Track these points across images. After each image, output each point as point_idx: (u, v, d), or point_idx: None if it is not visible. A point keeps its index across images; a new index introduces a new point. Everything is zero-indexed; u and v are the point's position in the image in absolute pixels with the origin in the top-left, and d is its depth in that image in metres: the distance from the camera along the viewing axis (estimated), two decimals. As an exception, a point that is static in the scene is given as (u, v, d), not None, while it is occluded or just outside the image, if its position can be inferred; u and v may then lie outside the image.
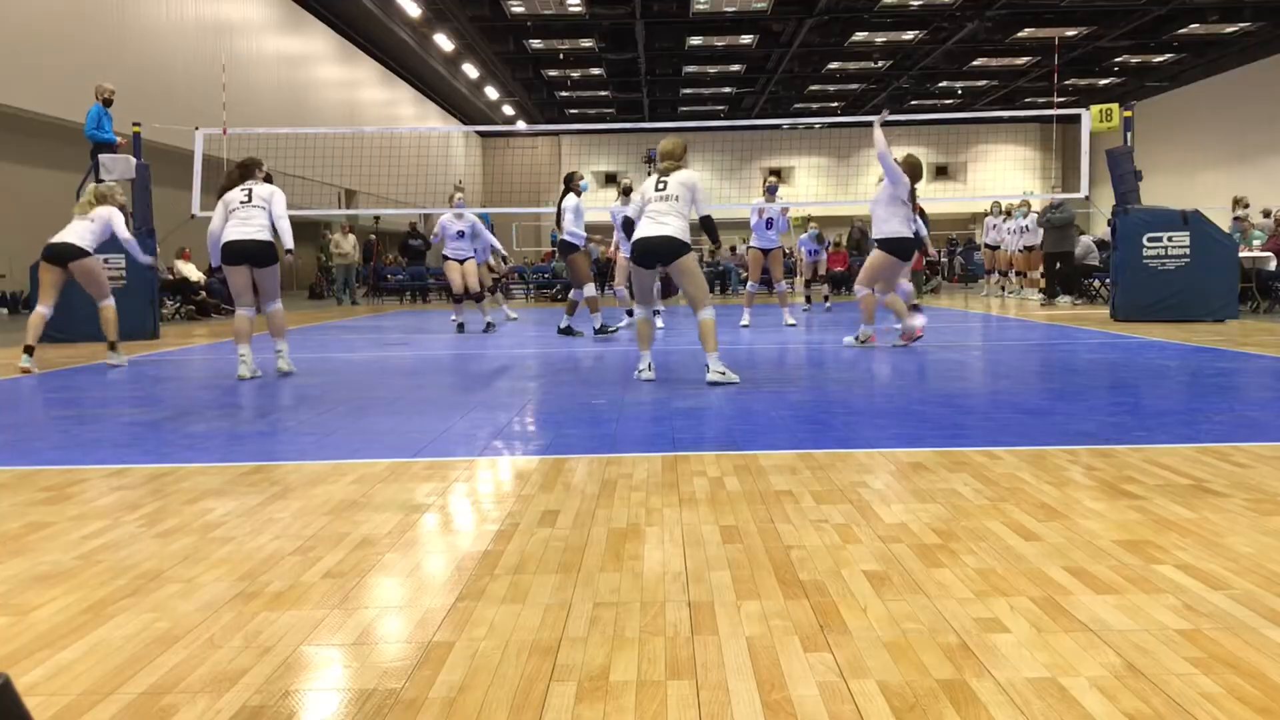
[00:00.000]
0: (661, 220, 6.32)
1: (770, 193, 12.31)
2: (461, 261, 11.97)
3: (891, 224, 8.19)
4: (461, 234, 11.95)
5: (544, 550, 2.86)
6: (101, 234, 8.22)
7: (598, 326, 10.57)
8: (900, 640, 2.15)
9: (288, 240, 7.41)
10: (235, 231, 7.18)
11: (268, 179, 7.69)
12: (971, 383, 6.58)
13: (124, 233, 8.30)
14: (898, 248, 8.25)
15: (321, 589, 2.56)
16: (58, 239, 8.12)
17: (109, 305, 8.44)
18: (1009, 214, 18.38)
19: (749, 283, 12.39)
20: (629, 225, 6.69)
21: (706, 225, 6.61)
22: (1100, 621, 2.24)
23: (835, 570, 2.63)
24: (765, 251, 12.08)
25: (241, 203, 7.28)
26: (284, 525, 3.17)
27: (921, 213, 17.93)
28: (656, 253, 6.36)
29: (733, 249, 24.43)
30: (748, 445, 4.37)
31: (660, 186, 6.43)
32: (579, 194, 10.68)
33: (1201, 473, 3.66)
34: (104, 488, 3.75)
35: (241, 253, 7.17)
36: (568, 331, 10.55)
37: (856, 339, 8.90)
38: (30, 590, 2.59)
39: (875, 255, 8.41)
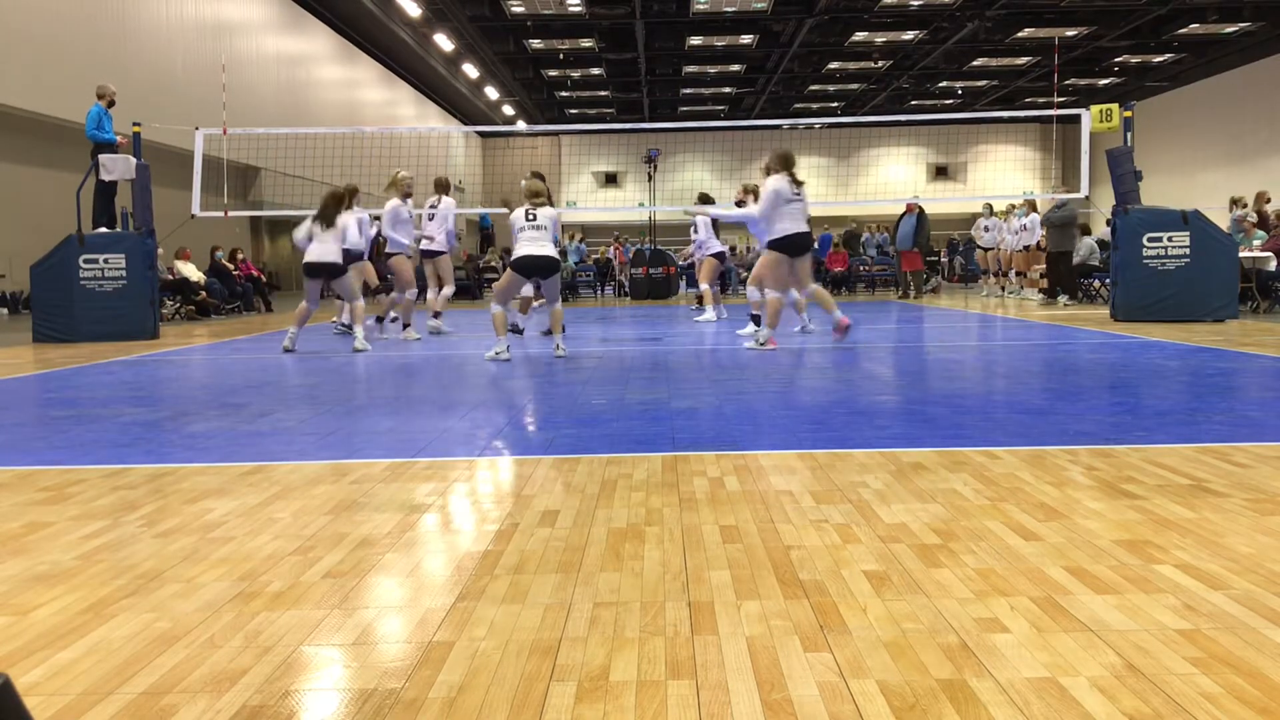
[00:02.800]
0: (541, 243, 8.16)
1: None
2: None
3: (781, 223, 8.44)
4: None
5: (544, 550, 2.86)
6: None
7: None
8: (900, 640, 2.15)
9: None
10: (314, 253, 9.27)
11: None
12: (971, 383, 6.58)
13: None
14: (787, 245, 8.39)
15: (321, 589, 2.56)
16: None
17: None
18: (1008, 213, 18.41)
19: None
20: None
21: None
22: (1100, 621, 2.24)
23: (835, 570, 2.63)
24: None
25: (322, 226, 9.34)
26: (284, 525, 3.17)
27: (921, 212, 17.98)
28: (539, 268, 8.23)
29: (732, 249, 24.43)
30: (748, 445, 4.37)
31: (531, 218, 8.27)
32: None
33: (1201, 473, 3.66)
34: (104, 488, 3.75)
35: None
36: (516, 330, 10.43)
37: (757, 341, 8.77)
38: (30, 590, 2.59)
39: (765, 255, 8.70)
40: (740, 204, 11.18)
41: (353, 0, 23.55)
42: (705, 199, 13.39)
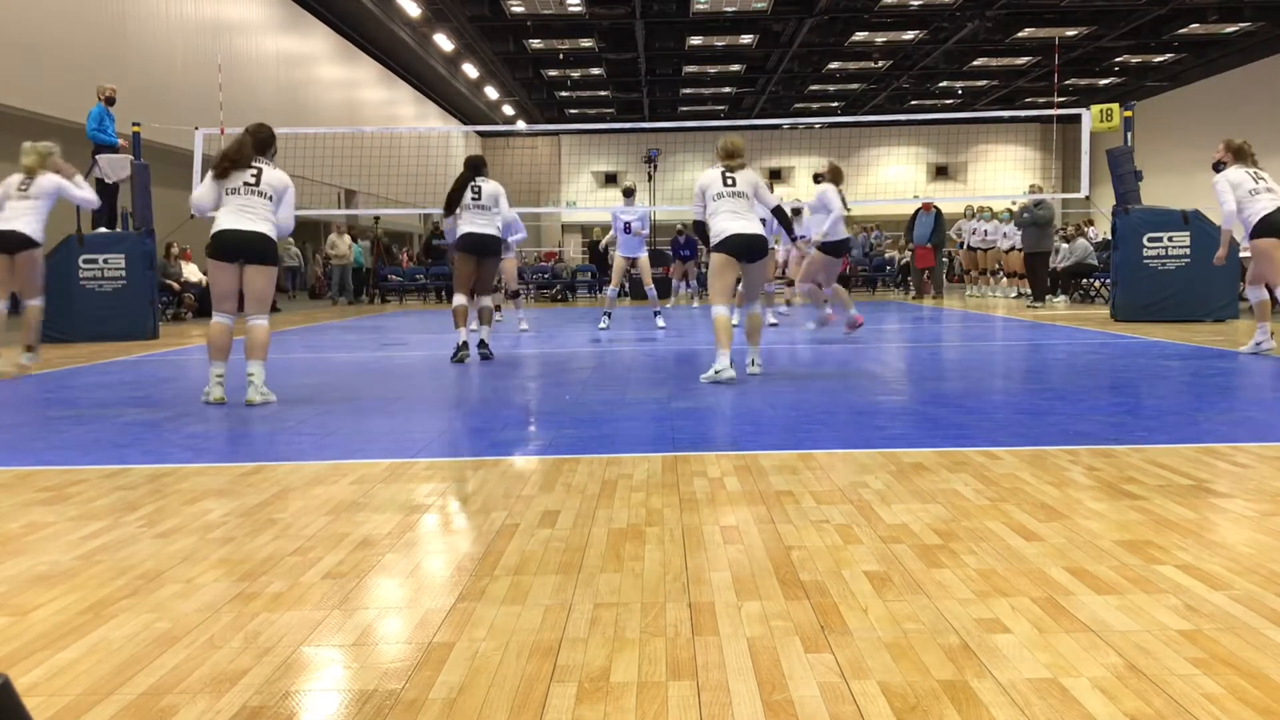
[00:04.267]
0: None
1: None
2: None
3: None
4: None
5: (544, 550, 2.86)
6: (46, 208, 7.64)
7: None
8: (901, 640, 2.15)
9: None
10: (233, 220, 5.82)
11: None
12: (972, 383, 6.58)
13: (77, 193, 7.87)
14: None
15: (321, 589, 2.55)
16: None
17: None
18: (996, 215, 18.48)
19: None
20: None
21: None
22: (1101, 622, 2.23)
23: (836, 570, 2.62)
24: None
25: (246, 185, 5.87)
26: (283, 526, 3.17)
27: (939, 212, 17.99)
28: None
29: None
30: (748, 445, 4.37)
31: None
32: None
33: (1202, 473, 3.66)
34: (103, 488, 3.74)
35: (238, 246, 5.82)
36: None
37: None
38: (30, 590, 2.59)
39: (814, 255, 9.34)
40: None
41: (353, 0, 23.54)
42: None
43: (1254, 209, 7.55)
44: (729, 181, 6.57)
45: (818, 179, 9.88)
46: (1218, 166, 8.11)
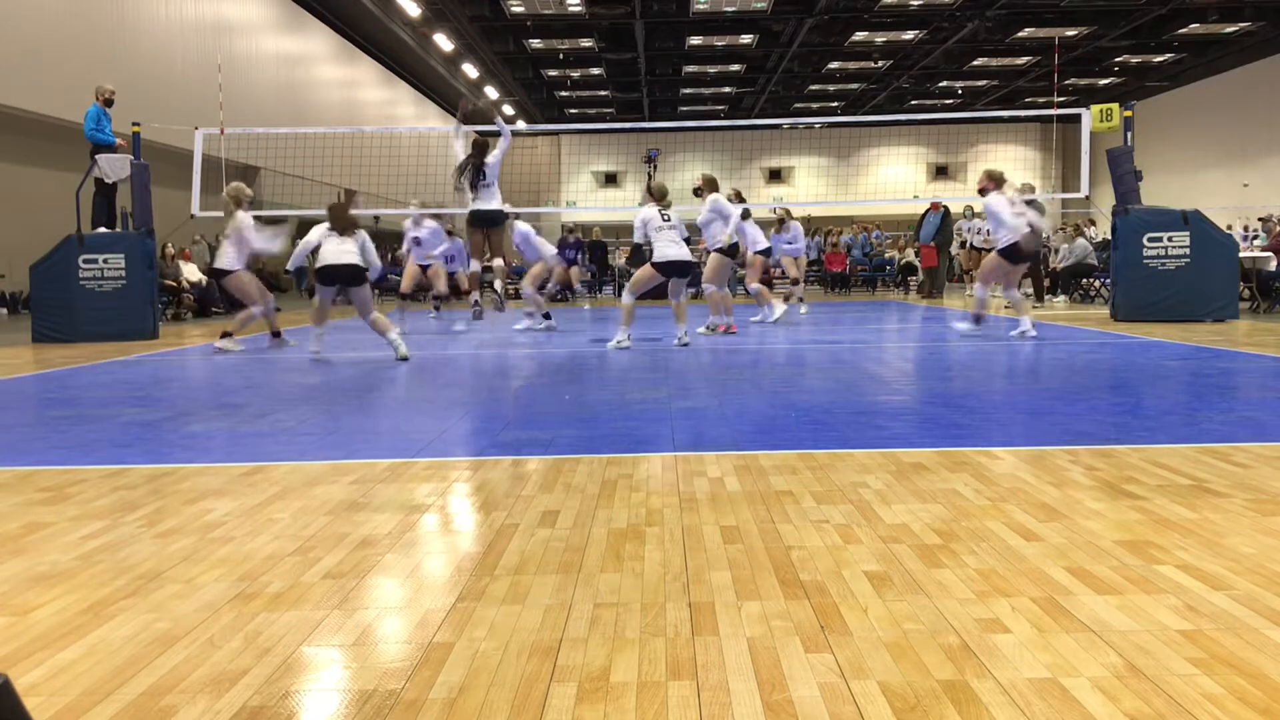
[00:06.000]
0: (349, 250, 8.79)
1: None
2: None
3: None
4: (417, 240, 13.02)
5: (544, 550, 2.86)
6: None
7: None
8: (901, 641, 2.15)
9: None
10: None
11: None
12: (972, 382, 6.58)
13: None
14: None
15: (321, 589, 2.55)
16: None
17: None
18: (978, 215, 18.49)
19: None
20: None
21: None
22: (1101, 622, 2.23)
23: (836, 570, 2.62)
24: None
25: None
26: (284, 526, 3.17)
27: (946, 211, 18.00)
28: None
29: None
30: (748, 445, 4.37)
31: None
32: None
33: (1202, 473, 3.66)
34: (103, 488, 3.74)
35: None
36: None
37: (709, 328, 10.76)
38: (30, 590, 2.59)
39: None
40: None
41: (353, 0, 23.54)
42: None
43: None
44: (665, 218, 9.11)
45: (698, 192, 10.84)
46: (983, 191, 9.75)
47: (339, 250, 8.65)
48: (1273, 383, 6.29)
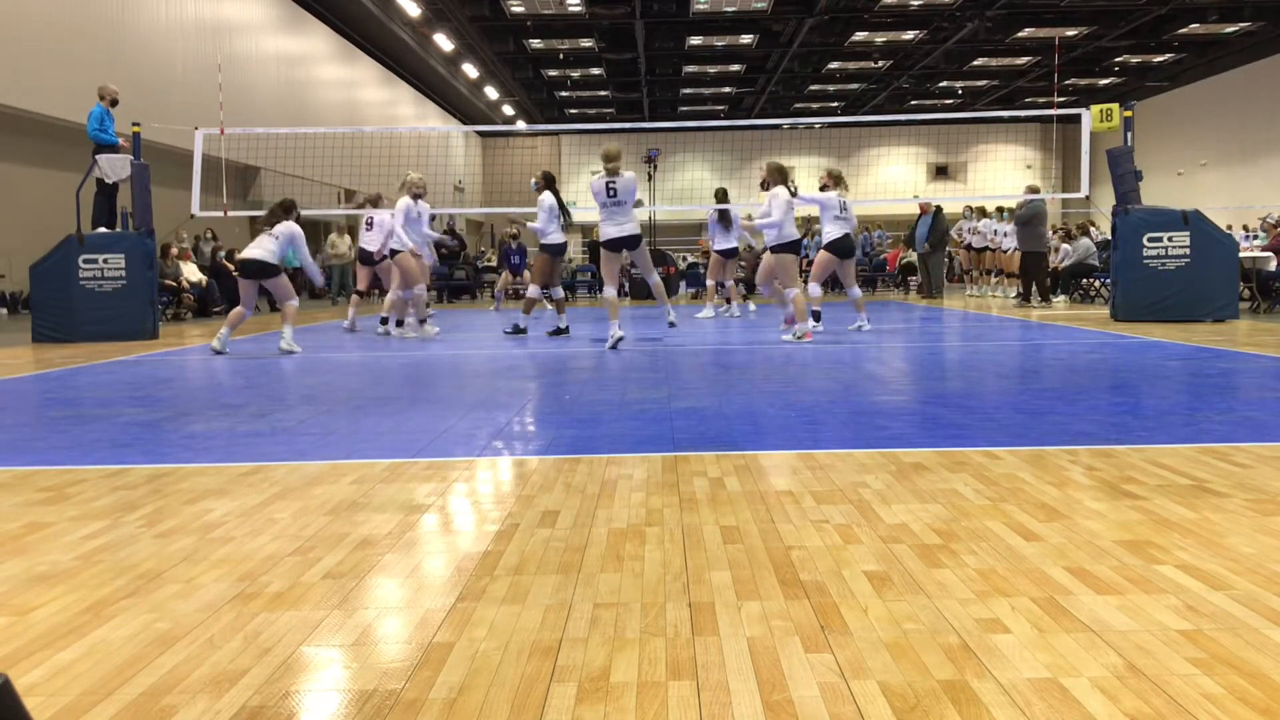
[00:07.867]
0: (266, 246, 9.12)
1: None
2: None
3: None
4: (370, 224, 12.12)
5: (544, 550, 2.86)
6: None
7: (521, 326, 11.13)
8: (901, 641, 2.15)
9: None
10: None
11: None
12: (972, 383, 6.58)
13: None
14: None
15: (321, 589, 2.55)
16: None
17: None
18: (986, 214, 18.51)
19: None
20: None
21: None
22: (1101, 622, 2.23)
23: (836, 570, 2.62)
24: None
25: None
26: (283, 526, 3.17)
27: (938, 211, 18.03)
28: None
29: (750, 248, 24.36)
30: (748, 445, 4.37)
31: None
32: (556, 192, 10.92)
33: (1202, 473, 3.66)
34: (103, 488, 3.74)
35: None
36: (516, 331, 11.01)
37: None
38: (30, 590, 2.59)
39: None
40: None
41: (353, 0, 23.54)
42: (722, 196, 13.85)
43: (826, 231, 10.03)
44: (612, 191, 8.60)
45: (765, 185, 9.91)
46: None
47: (255, 244, 9.28)
48: (1273, 383, 6.29)
